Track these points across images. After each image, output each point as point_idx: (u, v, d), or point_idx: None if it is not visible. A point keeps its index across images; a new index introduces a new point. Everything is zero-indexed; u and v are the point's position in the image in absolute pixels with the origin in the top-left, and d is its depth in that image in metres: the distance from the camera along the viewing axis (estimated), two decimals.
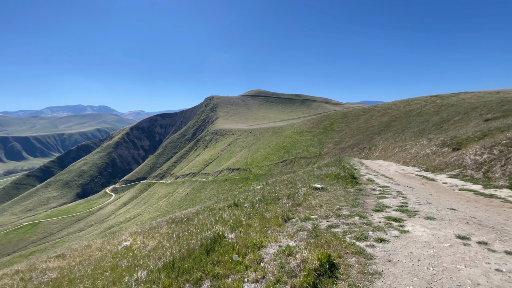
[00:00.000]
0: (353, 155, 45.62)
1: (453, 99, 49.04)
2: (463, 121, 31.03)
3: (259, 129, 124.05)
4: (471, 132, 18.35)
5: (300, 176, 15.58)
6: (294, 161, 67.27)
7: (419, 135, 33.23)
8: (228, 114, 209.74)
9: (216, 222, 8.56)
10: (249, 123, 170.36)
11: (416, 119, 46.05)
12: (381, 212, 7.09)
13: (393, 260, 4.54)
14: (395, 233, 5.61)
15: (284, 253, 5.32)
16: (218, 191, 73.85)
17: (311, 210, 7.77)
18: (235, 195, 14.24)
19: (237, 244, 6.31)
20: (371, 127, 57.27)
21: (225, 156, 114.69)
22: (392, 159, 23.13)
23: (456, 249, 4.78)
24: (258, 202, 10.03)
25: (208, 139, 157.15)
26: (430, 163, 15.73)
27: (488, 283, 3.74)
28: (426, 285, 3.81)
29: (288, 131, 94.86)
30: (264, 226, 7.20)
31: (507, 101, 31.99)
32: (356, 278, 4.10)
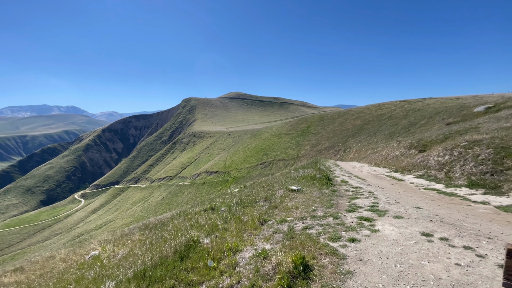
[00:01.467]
0: (329, 157, 47.01)
1: (419, 104, 52.50)
2: (428, 125, 33.28)
3: (238, 132, 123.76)
4: (434, 135, 19.72)
5: (277, 178, 15.72)
6: (273, 163, 67.88)
7: (390, 138, 35.10)
8: (206, 116, 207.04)
9: (191, 227, 8.34)
10: (228, 126, 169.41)
11: (387, 123, 48.60)
12: (353, 212, 7.33)
13: (364, 259, 4.68)
14: (367, 233, 5.81)
15: (259, 256, 5.29)
16: (196, 194, 72.37)
17: (287, 212, 7.83)
18: (212, 199, 14.02)
19: (212, 249, 6.18)
20: (346, 130, 59.51)
21: (203, 159, 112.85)
22: (365, 160, 24.15)
23: (421, 246, 5.05)
24: (235, 205, 9.94)
25: (185, 141, 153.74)
26: (399, 164, 16.64)
27: (448, 277, 3.98)
28: (394, 282, 3.97)
29: (266, 133, 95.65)
30: (241, 229, 7.13)
31: (465, 107, 34.87)
32: (329, 278, 4.17)
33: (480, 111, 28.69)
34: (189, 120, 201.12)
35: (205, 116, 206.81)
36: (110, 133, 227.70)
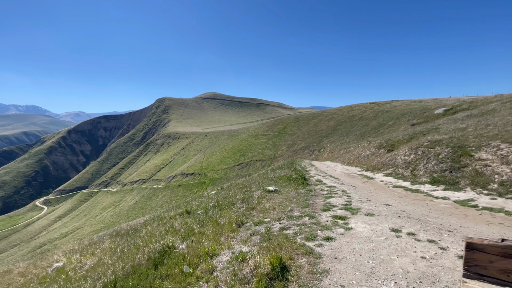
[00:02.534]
0: (305, 157, 48.15)
1: (387, 106, 55.71)
2: (395, 126, 35.43)
3: (214, 132, 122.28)
4: (401, 135, 21.05)
5: (255, 179, 15.74)
6: (250, 164, 67.99)
7: (361, 138, 36.81)
8: (181, 116, 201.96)
9: (166, 232, 8.04)
10: (204, 126, 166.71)
11: (358, 123, 50.92)
12: (328, 211, 7.55)
13: (339, 257, 4.83)
14: (341, 231, 6.01)
15: (237, 259, 5.23)
16: (171, 197, 70.22)
17: (264, 213, 7.85)
18: (188, 202, 13.67)
19: (188, 254, 6.00)
20: (320, 131, 61.39)
21: (178, 160, 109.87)
22: (338, 160, 25.07)
23: (390, 241, 5.32)
24: (212, 208, 9.77)
25: (159, 143, 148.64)
26: (369, 163, 17.49)
27: (415, 270, 4.23)
28: (366, 277, 4.13)
29: (243, 134, 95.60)
30: (218, 233, 7.01)
31: (427, 109, 37.66)
32: (306, 278, 4.24)
33: (440, 113, 31.13)
34: (163, 121, 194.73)
35: (180, 116, 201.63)
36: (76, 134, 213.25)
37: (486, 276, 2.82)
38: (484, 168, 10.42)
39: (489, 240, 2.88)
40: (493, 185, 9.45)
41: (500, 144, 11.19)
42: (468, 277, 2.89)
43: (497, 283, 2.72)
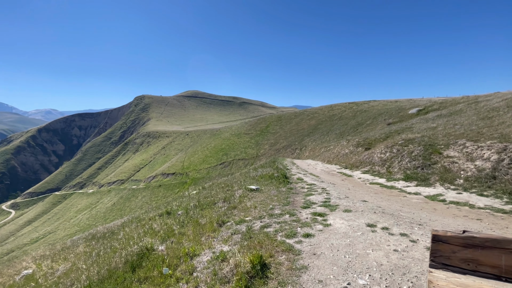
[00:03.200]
0: (287, 155, 48.76)
1: (365, 106, 57.75)
2: (373, 125, 36.83)
3: (196, 131, 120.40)
4: (378, 134, 21.92)
5: (237, 178, 15.72)
6: (233, 163, 67.73)
7: (341, 137, 37.89)
8: (162, 115, 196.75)
9: (145, 234, 7.83)
10: (186, 125, 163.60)
11: (338, 123, 52.36)
12: (308, 208, 7.71)
13: (317, 253, 4.96)
14: (320, 227, 6.17)
15: (218, 259, 5.21)
16: (152, 198, 68.35)
17: (246, 212, 7.88)
18: (168, 203, 13.39)
19: (168, 255, 5.89)
20: (302, 130, 62.42)
21: (159, 160, 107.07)
22: (319, 158, 25.65)
23: (366, 236, 5.54)
24: (193, 208, 9.64)
25: (139, 142, 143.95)
26: (348, 161, 18.08)
27: (388, 262, 4.44)
28: (343, 272, 4.28)
29: (226, 133, 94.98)
30: (199, 233, 6.94)
31: (402, 109, 39.51)
32: (285, 275, 4.31)
33: (414, 113, 32.78)
34: (142, 119, 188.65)
35: (160, 115, 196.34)
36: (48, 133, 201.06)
37: (449, 266, 3.02)
38: (451, 165, 11.13)
39: (452, 232, 3.09)
40: (459, 181, 10.13)
41: (466, 142, 12.00)
42: (433, 267, 3.09)
43: (459, 272, 2.93)
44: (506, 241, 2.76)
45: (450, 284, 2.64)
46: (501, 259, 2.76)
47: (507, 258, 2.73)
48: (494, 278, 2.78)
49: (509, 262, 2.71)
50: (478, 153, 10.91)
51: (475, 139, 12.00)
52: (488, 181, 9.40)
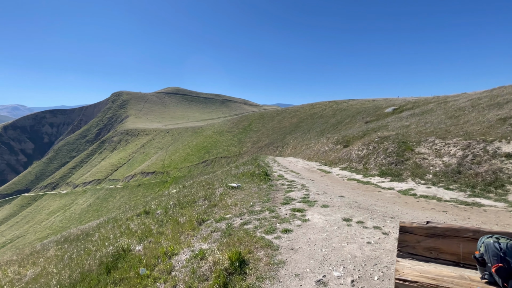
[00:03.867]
0: (269, 153, 49.13)
1: (344, 105, 59.42)
2: (351, 123, 38.03)
3: (177, 129, 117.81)
4: (356, 132, 22.69)
5: (218, 176, 15.63)
6: (215, 161, 67.13)
7: (321, 135, 38.78)
8: (141, 112, 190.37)
9: (121, 234, 7.59)
10: (166, 123, 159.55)
11: (318, 121, 53.49)
12: (288, 204, 7.85)
13: (295, 247, 5.07)
14: (298, 223, 6.30)
15: (196, 257, 5.18)
16: (130, 198, 66.14)
17: (226, 210, 7.87)
18: (147, 202, 13.05)
19: (145, 256, 5.77)
20: (284, 128, 63.12)
21: (138, 158, 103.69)
22: (300, 155, 26.10)
23: (342, 230, 5.74)
24: (172, 207, 9.48)
25: (116, 140, 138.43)
26: (328, 158, 18.57)
27: (361, 254, 4.64)
28: (319, 265, 4.42)
29: (208, 131, 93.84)
30: (178, 232, 6.84)
31: (379, 108, 41.13)
32: (264, 270, 4.38)
33: (389, 112, 34.23)
34: (120, 116, 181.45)
35: (139, 112, 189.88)
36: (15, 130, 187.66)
37: (414, 254, 3.22)
38: (422, 161, 11.80)
39: (417, 223, 3.29)
40: (429, 176, 10.76)
41: (435, 140, 12.76)
42: (400, 257, 3.27)
43: (423, 260, 3.13)
44: (464, 230, 2.99)
45: (414, 272, 2.81)
46: (459, 247, 2.99)
47: (464, 246, 2.96)
48: (453, 264, 3.00)
49: (466, 249, 2.94)
50: (446, 149, 11.64)
51: (443, 137, 12.79)
52: (453, 176, 10.08)
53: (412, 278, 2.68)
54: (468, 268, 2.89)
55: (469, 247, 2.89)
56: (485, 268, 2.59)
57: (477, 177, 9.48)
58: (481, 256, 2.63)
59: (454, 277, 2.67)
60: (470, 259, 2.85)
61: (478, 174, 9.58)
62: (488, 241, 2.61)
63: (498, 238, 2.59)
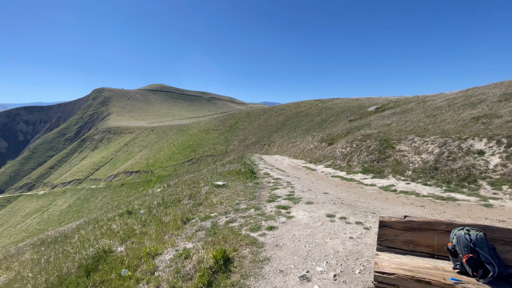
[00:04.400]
0: (255, 151, 49.23)
1: (329, 103, 60.49)
2: (336, 121, 38.79)
3: (162, 127, 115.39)
4: (340, 130, 23.18)
5: (204, 174, 15.48)
6: (201, 159, 66.42)
7: (307, 133, 39.29)
8: (124, 109, 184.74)
9: (102, 235, 7.36)
10: (150, 120, 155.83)
11: (304, 119, 54.14)
12: (273, 202, 7.91)
13: (280, 244, 5.12)
14: (283, 220, 6.37)
15: (181, 257, 5.12)
16: (113, 198, 64.19)
17: (211, 208, 7.81)
18: (130, 202, 12.72)
19: (127, 256, 5.62)
20: (270, 126, 63.40)
21: (121, 157, 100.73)
22: (286, 153, 26.34)
23: (325, 226, 5.86)
24: (156, 206, 9.30)
25: (98, 138, 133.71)
26: (313, 156, 18.86)
27: (344, 249, 4.76)
28: (303, 261, 4.49)
29: (194, 129, 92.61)
30: (162, 231, 6.72)
31: (362, 106, 42.21)
32: (248, 267, 4.39)
33: (372, 111, 35.21)
34: (102, 114, 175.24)
35: (122, 109, 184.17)
36: None
37: (393, 248, 3.34)
38: (402, 158, 12.24)
39: (395, 218, 3.41)
40: (408, 172, 11.19)
41: (414, 138, 13.27)
42: (380, 250, 3.39)
43: (401, 253, 3.26)
44: (438, 223, 3.13)
45: (392, 264, 2.92)
46: (434, 239, 3.13)
47: (438, 238, 3.10)
48: (428, 256, 3.14)
49: (440, 242, 3.09)
50: (424, 147, 12.14)
51: (422, 135, 13.33)
52: (431, 172, 10.54)
53: (390, 271, 2.78)
54: (442, 259, 3.04)
55: (443, 239, 3.03)
56: (457, 258, 2.74)
57: (452, 173, 9.96)
58: (453, 247, 2.77)
59: (428, 268, 2.80)
60: (443, 250, 3.00)
61: (453, 170, 10.06)
62: (459, 233, 2.75)
63: (469, 230, 2.74)
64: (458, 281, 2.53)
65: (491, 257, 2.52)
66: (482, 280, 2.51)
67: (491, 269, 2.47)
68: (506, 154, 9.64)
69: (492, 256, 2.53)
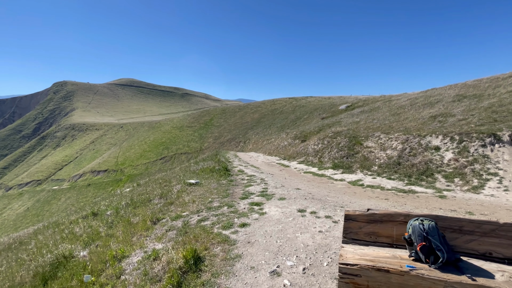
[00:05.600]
0: (231, 148, 48.97)
1: (303, 101, 61.94)
2: (309, 119, 39.85)
3: (132, 124, 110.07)
4: (313, 128, 23.86)
5: (176, 172, 15.07)
6: (175, 157, 64.54)
7: (281, 130, 39.90)
8: (90, 105, 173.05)
9: (63, 240, 6.84)
10: (120, 117, 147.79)
11: (279, 117, 54.90)
12: (246, 199, 7.92)
13: (252, 241, 5.15)
14: (256, 216, 6.41)
15: (149, 258, 4.93)
16: (79, 199, 60.11)
17: (183, 207, 7.63)
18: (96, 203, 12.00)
19: (91, 261, 5.29)
20: (246, 123, 63.39)
21: (87, 156, 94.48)
22: (261, 150, 26.54)
23: (297, 221, 6.00)
24: (124, 207, 8.86)
25: (60, 135, 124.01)
26: (286, 153, 19.21)
27: (313, 243, 4.91)
28: (274, 256, 4.55)
29: (167, 126, 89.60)
30: (129, 233, 6.43)
31: (334, 105, 43.82)
32: (219, 265, 4.36)
33: (343, 109, 36.68)
34: (64, 109, 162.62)
35: (88, 105, 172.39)
36: None
37: (357, 240, 3.50)
38: (369, 154, 12.93)
39: (359, 211, 3.57)
40: (375, 167, 11.86)
41: (380, 135, 14.08)
42: (345, 242, 3.53)
43: (364, 244, 3.43)
44: (397, 214, 3.34)
45: (355, 256, 3.06)
46: (393, 230, 3.33)
47: (397, 229, 3.31)
48: (388, 246, 3.34)
49: (398, 232, 3.30)
50: (389, 143, 12.93)
51: (387, 132, 14.17)
52: (395, 167, 11.26)
53: (353, 262, 2.92)
54: (400, 249, 3.26)
55: (401, 229, 3.25)
56: (412, 247, 2.94)
57: (413, 168, 10.74)
58: (409, 237, 2.97)
59: (388, 257, 2.98)
60: (401, 240, 3.21)
61: (413, 165, 10.85)
62: (414, 223, 2.96)
63: (423, 220, 2.96)
64: (413, 267, 2.73)
65: (441, 244, 2.74)
66: (434, 266, 2.72)
67: (441, 255, 2.70)
68: (458, 149, 10.60)
69: (442, 244, 2.76)
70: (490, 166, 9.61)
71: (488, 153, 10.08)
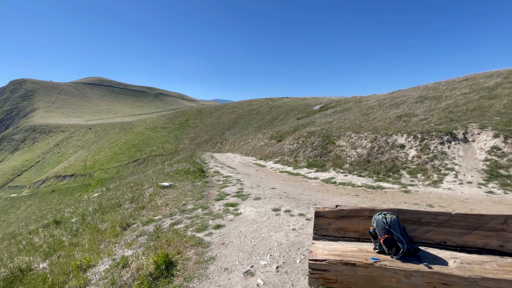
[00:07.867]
0: (208, 149, 48.26)
1: (279, 102, 62.85)
2: (285, 119, 40.52)
3: (102, 125, 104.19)
4: (288, 128, 24.29)
5: (149, 175, 14.52)
6: (148, 159, 62.16)
7: (258, 130, 40.13)
8: (53, 105, 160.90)
9: (19, 252, 6.28)
10: (88, 118, 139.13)
11: (256, 117, 55.16)
12: (222, 200, 7.85)
13: (226, 242, 5.11)
14: (231, 217, 6.37)
15: (118, 266, 4.69)
16: (41, 207, 55.56)
17: (155, 211, 7.37)
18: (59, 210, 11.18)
19: (51, 273, 4.90)
20: (222, 123, 62.85)
21: (51, 160, 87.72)
22: (238, 151, 26.47)
23: (271, 220, 6.06)
24: (91, 213, 8.34)
25: (19, 138, 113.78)
26: (263, 153, 19.36)
27: (287, 241, 4.99)
28: (248, 256, 4.55)
29: (140, 127, 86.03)
30: (97, 240, 6.06)
31: (309, 105, 45.00)
32: (192, 269, 4.26)
33: (317, 109, 37.79)
34: (24, 110, 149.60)
35: (51, 104, 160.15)
36: None
37: (327, 236, 3.61)
38: (341, 153, 13.44)
39: (328, 208, 3.69)
40: (346, 165, 12.36)
41: (351, 134, 14.70)
42: (316, 239, 3.63)
43: (333, 239, 3.54)
44: (363, 210, 3.50)
45: (325, 251, 3.16)
46: (360, 225, 3.49)
47: (363, 223, 3.46)
48: (356, 240, 3.49)
49: (365, 226, 3.46)
50: (359, 142, 13.54)
51: (358, 131, 14.84)
52: (364, 165, 11.83)
53: (322, 257, 3.01)
54: (366, 242, 3.42)
55: (367, 224, 3.41)
56: (377, 240, 3.10)
57: (381, 165, 11.35)
58: (374, 230, 3.13)
59: (354, 251, 3.12)
60: (367, 234, 3.37)
61: (381, 162, 11.47)
62: (378, 217, 3.12)
63: (386, 214, 3.13)
64: (377, 260, 2.87)
65: (402, 236, 2.92)
66: (395, 257, 2.89)
67: (402, 247, 2.87)
68: (420, 147, 11.39)
69: (403, 235, 2.94)
70: (447, 162, 10.45)
71: (446, 150, 10.96)
